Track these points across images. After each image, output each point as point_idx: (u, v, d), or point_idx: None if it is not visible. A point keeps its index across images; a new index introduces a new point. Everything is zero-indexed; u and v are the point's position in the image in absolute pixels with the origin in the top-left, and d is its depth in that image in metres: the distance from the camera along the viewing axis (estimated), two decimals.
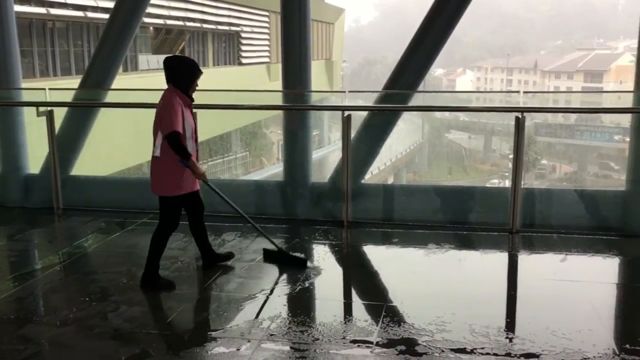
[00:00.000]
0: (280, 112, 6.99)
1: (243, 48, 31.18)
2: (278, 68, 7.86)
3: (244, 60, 31.18)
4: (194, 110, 4.45)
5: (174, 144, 4.05)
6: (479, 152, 49.21)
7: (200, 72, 4.30)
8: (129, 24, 6.73)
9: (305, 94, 6.22)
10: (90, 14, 20.47)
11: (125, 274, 4.61)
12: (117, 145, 10.72)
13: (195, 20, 26.80)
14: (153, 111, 4.27)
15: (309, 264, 4.68)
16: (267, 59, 33.01)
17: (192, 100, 4.31)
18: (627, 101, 6.34)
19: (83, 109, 6.83)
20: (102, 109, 7.25)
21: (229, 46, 30.94)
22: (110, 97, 7.08)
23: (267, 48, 33.33)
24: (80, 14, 20.24)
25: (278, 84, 6.52)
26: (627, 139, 6.44)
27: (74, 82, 8.16)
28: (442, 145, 49.44)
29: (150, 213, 6.16)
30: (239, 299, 4.16)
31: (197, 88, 4.32)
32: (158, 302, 4.13)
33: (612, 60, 62.08)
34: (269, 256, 4.84)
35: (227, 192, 4.69)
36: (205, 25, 27.70)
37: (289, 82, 6.16)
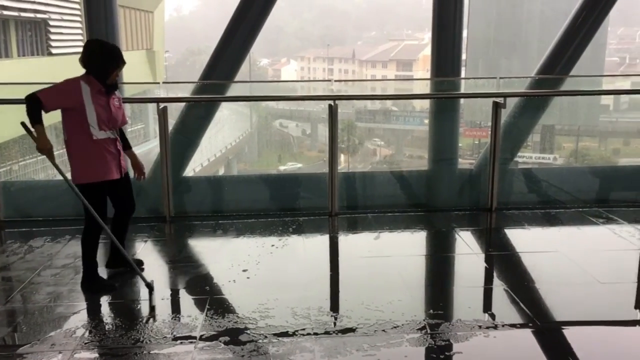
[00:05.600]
0: None
1: (52, 37, 28.71)
2: None
3: (54, 50, 28.72)
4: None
5: (26, 104, 3.70)
6: (306, 139, 50.70)
7: (121, 62, 3.90)
8: None
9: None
10: None
11: None
12: None
13: None
14: None
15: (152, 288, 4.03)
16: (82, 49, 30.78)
17: (114, 88, 3.95)
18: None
19: None
20: None
21: (36, 35, 28.32)
22: None
23: (80, 37, 31.04)
24: None
25: None
26: None
27: None
28: (271, 134, 50.13)
29: None
30: (49, 309, 3.85)
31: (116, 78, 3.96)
32: None
33: (419, 50, 67.53)
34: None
35: (41, 194, 4.29)
36: (5, 12, 25.03)
37: None
